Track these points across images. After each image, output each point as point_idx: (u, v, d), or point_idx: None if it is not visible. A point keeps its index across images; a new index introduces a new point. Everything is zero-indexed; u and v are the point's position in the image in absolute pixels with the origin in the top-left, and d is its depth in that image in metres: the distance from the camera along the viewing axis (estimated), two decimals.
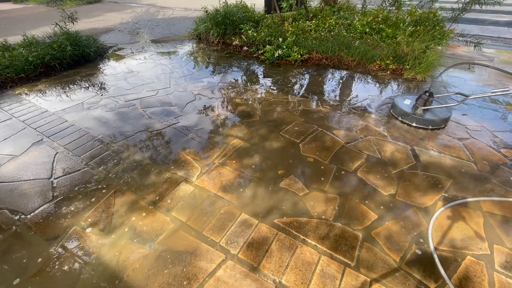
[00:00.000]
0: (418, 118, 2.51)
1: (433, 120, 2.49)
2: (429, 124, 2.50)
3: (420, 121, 2.51)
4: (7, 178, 1.95)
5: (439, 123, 2.50)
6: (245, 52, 4.63)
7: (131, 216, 1.64)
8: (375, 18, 4.90)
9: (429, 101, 2.52)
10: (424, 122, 2.50)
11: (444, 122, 2.53)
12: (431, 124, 2.50)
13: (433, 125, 2.50)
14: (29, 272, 1.35)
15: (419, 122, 2.52)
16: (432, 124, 2.50)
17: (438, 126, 2.51)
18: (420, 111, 2.54)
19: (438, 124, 2.50)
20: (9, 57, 3.61)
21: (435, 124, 2.50)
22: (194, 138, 2.37)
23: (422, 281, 1.30)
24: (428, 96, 2.50)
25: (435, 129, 2.50)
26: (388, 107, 2.85)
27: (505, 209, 1.67)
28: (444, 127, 2.53)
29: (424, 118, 2.50)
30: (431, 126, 2.50)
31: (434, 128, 2.51)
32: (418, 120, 2.52)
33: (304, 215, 1.64)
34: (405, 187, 1.83)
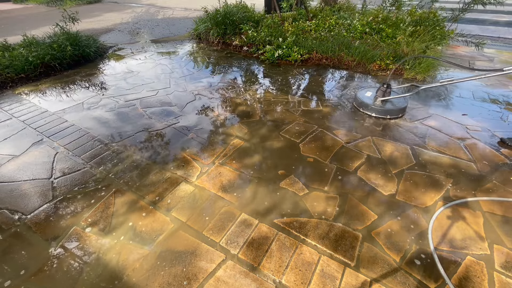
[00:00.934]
0: (376, 109, 2.69)
1: (390, 110, 2.67)
2: (387, 113, 2.68)
3: (379, 111, 2.69)
4: (7, 178, 1.95)
5: (396, 113, 2.69)
6: (245, 52, 4.63)
7: (131, 216, 1.64)
8: (375, 18, 4.90)
9: (387, 92, 2.69)
10: (382, 112, 2.68)
11: (401, 112, 2.71)
12: (389, 114, 2.68)
13: (391, 114, 2.69)
14: (29, 272, 1.35)
15: (378, 112, 2.69)
16: (389, 113, 2.68)
17: (395, 116, 2.69)
18: (379, 102, 2.71)
19: (395, 113, 2.68)
20: (9, 57, 3.61)
21: (392, 114, 2.68)
22: (194, 138, 2.37)
23: (422, 281, 1.30)
24: (386, 88, 2.68)
25: (392, 118, 2.68)
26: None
27: (505, 209, 1.67)
28: (401, 116, 2.71)
29: (382, 108, 2.68)
30: (388, 115, 2.69)
31: (392, 117, 2.69)
32: (377, 110, 2.69)
33: (304, 215, 1.64)
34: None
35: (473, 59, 4.21)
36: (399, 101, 2.77)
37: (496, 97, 3.01)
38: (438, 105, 2.89)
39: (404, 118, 2.67)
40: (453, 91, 3.18)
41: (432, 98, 3.02)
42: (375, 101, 2.73)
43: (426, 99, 3.02)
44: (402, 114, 2.74)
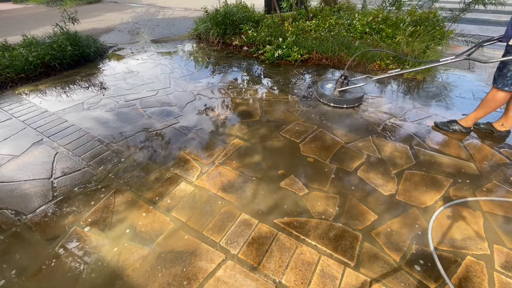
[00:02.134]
0: (334, 99, 2.87)
1: (347, 100, 2.85)
2: (344, 103, 2.86)
3: (336, 101, 2.87)
4: (7, 178, 1.95)
5: (353, 102, 2.87)
6: (245, 52, 4.63)
7: (131, 216, 1.64)
8: (375, 18, 4.90)
9: (345, 83, 2.87)
10: (339, 101, 2.86)
11: (357, 101, 2.89)
12: (346, 103, 2.86)
13: (347, 104, 2.87)
14: (29, 272, 1.35)
15: (336, 102, 2.88)
16: (346, 103, 2.86)
17: (352, 105, 2.88)
18: (337, 93, 2.89)
19: (351, 103, 2.87)
20: (9, 57, 3.60)
21: (349, 103, 2.87)
22: (194, 138, 2.37)
23: (422, 281, 1.30)
24: (343, 79, 2.86)
25: (350, 107, 2.86)
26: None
27: (505, 209, 1.67)
28: (358, 105, 2.90)
29: (339, 98, 2.86)
30: (345, 105, 2.87)
31: (349, 106, 2.87)
32: (334, 100, 2.88)
33: (304, 215, 1.64)
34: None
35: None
36: (356, 91, 2.95)
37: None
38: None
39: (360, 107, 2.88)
40: (453, 91, 3.18)
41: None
42: (333, 92, 2.92)
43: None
44: (359, 103, 2.92)
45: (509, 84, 2.02)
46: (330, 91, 2.96)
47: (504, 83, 2.04)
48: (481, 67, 3.87)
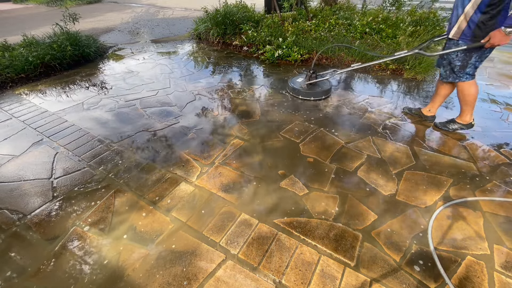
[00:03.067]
0: (303, 92, 3.03)
1: (314, 93, 3.01)
2: (311, 96, 3.03)
3: (304, 94, 3.03)
4: (7, 178, 1.95)
5: (320, 95, 3.03)
6: (245, 52, 4.63)
7: (131, 216, 1.64)
8: (375, 18, 4.90)
9: (312, 77, 3.04)
10: (307, 94, 3.03)
11: (324, 94, 3.06)
12: (313, 96, 3.03)
13: (315, 96, 3.03)
14: (29, 272, 1.35)
15: (304, 95, 3.04)
16: (313, 95, 3.02)
17: (319, 97, 3.04)
18: (305, 86, 3.06)
19: (319, 95, 3.03)
20: (9, 57, 3.61)
21: (316, 96, 3.03)
22: (194, 138, 2.37)
23: (422, 281, 1.30)
24: (311, 73, 3.03)
25: (317, 100, 3.03)
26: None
27: (505, 209, 1.67)
28: (325, 98, 3.06)
29: (306, 91, 3.02)
30: (312, 97, 3.03)
31: (316, 99, 3.03)
32: (303, 93, 3.04)
33: (304, 215, 1.64)
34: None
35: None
36: (323, 85, 3.11)
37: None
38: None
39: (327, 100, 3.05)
40: None
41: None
42: (302, 85, 3.08)
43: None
44: (326, 96, 3.08)
45: (459, 76, 2.15)
46: (299, 85, 3.12)
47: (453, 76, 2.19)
48: (481, 68, 3.87)
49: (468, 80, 2.15)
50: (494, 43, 1.88)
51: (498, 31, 1.85)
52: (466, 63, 2.07)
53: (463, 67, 2.10)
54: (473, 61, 2.05)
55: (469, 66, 2.08)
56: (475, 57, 2.03)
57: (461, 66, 2.10)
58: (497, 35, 1.85)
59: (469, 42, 2.00)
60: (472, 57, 2.03)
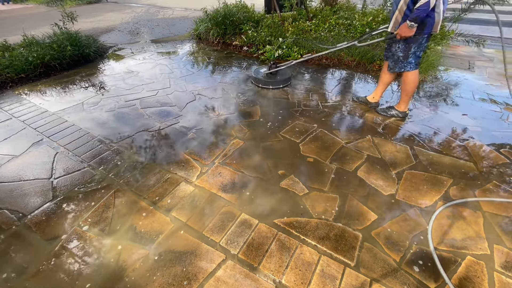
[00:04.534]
0: (262, 80, 3.29)
1: (273, 81, 3.26)
2: (269, 84, 3.27)
3: (263, 82, 3.29)
4: (7, 178, 1.95)
5: (278, 83, 3.28)
6: (245, 52, 4.63)
7: (131, 216, 1.64)
8: (375, 18, 4.90)
9: (272, 67, 3.29)
10: (265, 83, 3.28)
11: (283, 83, 3.30)
12: (271, 84, 3.27)
13: (273, 85, 3.26)
14: (29, 272, 1.35)
15: (262, 83, 3.30)
16: (272, 84, 3.27)
17: (277, 86, 3.27)
18: (264, 75, 3.31)
19: (277, 84, 3.27)
20: (9, 57, 3.60)
21: (274, 84, 3.26)
22: (194, 138, 2.37)
23: (422, 281, 1.30)
24: (272, 64, 3.30)
25: (275, 88, 3.26)
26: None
27: (505, 209, 1.67)
28: (283, 87, 3.30)
29: (265, 80, 3.26)
30: (271, 86, 3.27)
31: (274, 87, 3.26)
32: (262, 82, 3.30)
33: (304, 215, 1.64)
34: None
35: (473, 58, 4.21)
36: (283, 74, 3.37)
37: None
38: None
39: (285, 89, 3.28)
40: (453, 90, 3.18)
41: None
42: (263, 75, 3.33)
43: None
44: (284, 85, 3.31)
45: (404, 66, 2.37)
46: (260, 74, 3.39)
47: (399, 66, 2.40)
48: (481, 68, 3.87)
49: (411, 70, 2.38)
50: (401, 34, 2.15)
51: (404, 24, 2.10)
52: (407, 53, 2.30)
53: (405, 57, 2.33)
54: (413, 51, 2.27)
55: (410, 56, 2.30)
56: (414, 47, 2.25)
57: (404, 56, 2.33)
58: (403, 28, 2.12)
59: None
60: (411, 48, 2.26)
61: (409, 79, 2.42)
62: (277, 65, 3.32)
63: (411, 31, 2.10)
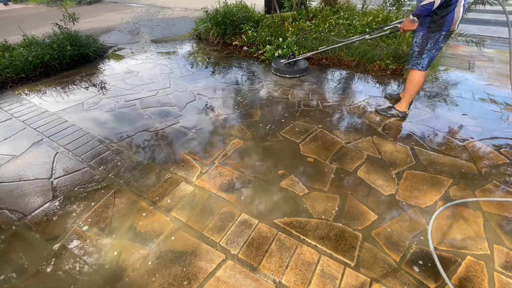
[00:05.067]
0: (281, 70, 3.59)
1: (290, 71, 3.55)
2: (287, 73, 3.57)
3: (281, 71, 3.60)
4: (7, 178, 1.95)
5: (295, 73, 3.56)
6: (245, 52, 4.63)
7: (131, 216, 1.64)
8: (375, 18, 4.90)
9: (291, 57, 3.60)
10: (283, 72, 3.59)
11: (300, 72, 3.58)
12: (288, 74, 3.57)
13: (290, 74, 3.56)
14: (29, 272, 1.35)
15: (281, 72, 3.62)
16: (289, 73, 3.56)
17: (293, 75, 3.56)
18: (283, 65, 3.62)
19: (294, 73, 3.55)
20: (9, 57, 3.60)
21: (291, 73, 3.56)
22: (194, 138, 2.37)
23: (422, 281, 1.30)
24: (291, 54, 3.61)
25: (292, 77, 3.56)
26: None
27: (505, 209, 1.67)
28: (299, 76, 3.58)
29: (284, 69, 3.56)
30: (287, 75, 3.58)
31: (292, 76, 3.56)
32: (280, 71, 3.61)
33: (304, 215, 1.64)
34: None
35: (473, 58, 4.21)
36: (300, 65, 3.66)
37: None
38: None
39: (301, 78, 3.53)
40: (453, 90, 3.18)
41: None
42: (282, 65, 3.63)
43: None
44: (301, 74, 3.59)
45: (416, 63, 2.38)
46: (280, 64, 3.67)
47: (412, 62, 2.41)
48: (481, 68, 3.87)
49: (421, 70, 2.39)
50: (403, 27, 2.26)
51: (407, 18, 2.19)
52: (423, 49, 2.29)
53: (420, 53, 2.32)
54: (429, 47, 2.25)
55: (425, 52, 2.28)
56: (430, 43, 2.24)
57: (419, 52, 2.32)
58: (405, 21, 2.22)
59: (425, 30, 2.20)
60: (428, 43, 2.25)
61: (415, 79, 2.44)
62: (295, 56, 3.60)
63: (413, 25, 2.18)
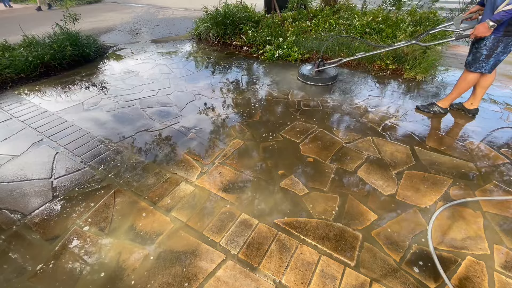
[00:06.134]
0: (311, 78, 3.40)
1: (321, 78, 3.39)
2: (319, 81, 3.39)
3: (312, 80, 3.41)
4: (7, 178, 1.95)
5: (327, 80, 3.40)
6: (245, 52, 4.63)
7: (131, 216, 1.64)
8: (375, 18, 4.90)
9: (321, 65, 3.42)
10: (315, 80, 3.39)
11: (331, 80, 3.43)
12: (320, 82, 3.39)
13: (322, 82, 3.39)
14: (29, 272, 1.35)
15: (312, 80, 3.41)
16: (321, 81, 3.39)
17: (326, 83, 3.40)
18: (313, 73, 3.42)
19: (326, 81, 3.40)
20: (9, 57, 3.60)
21: (323, 81, 3.39)
22: (194, 138, 2.37)
23: (422, 281, 1.30)
24: (320, 61, 3.41)
25: (324, 85, 3.39)
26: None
27: (505, 209, 1.67)
28: (331, 84, 3.42)
29: (315, 77, 3.39)
30: (320, 83, 3.39)
31: (324, 84, 3.40)
32: (311, 79, 3.40)
33: (304, 215, 1.64)
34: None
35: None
36: (330, 71, 3.49)
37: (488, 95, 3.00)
38: None
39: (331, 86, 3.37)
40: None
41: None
42: (311, 72, 3.44)
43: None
44: (332, 82, 3.44)
45: (480, 66, 2.29)
46: (308, 71, 3.48)
47: (476, 66, 2.30)
48: None
49: (485, 73, 2.31)
50: (477, 34, 2.08)
51: (482, 24, 2.02)
52: (492, 52, 2.17)
53: (488, 57, 2.20)
54: (499, 51, 2.15)
55: (493, 56, 2.18)
56: (501, 47, 2.13)
57: (487, 55, 2.20)
58: (480, 27, 2.04)
59: (500, 33, 2.08)
60: (498, 47, 2.13)
61: (471, 79, 2.37)
62: (324, 62, 3.44)
63: (490, 31, 2.01)
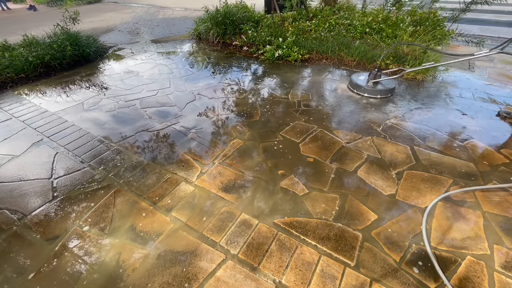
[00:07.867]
0: (369, 90, 3.07)
1: (380, 90, 3.06)
2: (377, 93, 3.06)
3: (370, 92, 3.07)
4: (7, 178, 1.95)
5: (386, 93, 3.07)
6: (245, 52, 4.63)
7: (131, 216, 1.64)
8: (375, 18, 4.90)
9: (378, 75, 3.08)
10: (373, 92, 3.06)
11: (390, 92, 3.09)
12: (379, 94, 3.06)
13: (381, 94, 3.06)
14: (29, 272, 1.35)
15: (370, 92, 3.08)
16: (380, 93, 3.06)
17: (385, 95, 3.07)
18: (371, 84, 3.09)
19: (385, 93, 3.07)
20: (9, 57, 3.60)
21: (382, 94, 3.06)
22: (194, 138, 2.37)
23: (422, 281, 1.30)
24: (377, 71, 3.07)
25: (383, 97, 3.05)
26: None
27: (505, 209, 1.67)
28: (390, 96, 3.09)
29: (373, 89, 3.06)
30: (379, 95, 3.06)
31: (382, 96, 3.06)
32: (369, 91, 3.08)
33: (304, 215, 1.64)
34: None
35: (474, 58, 4.20)
36: (388, 83, 3.13)
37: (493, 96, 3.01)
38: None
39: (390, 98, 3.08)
40: (453, 90, 3.18)
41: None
42: (367, 83, 3.11)
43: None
44: (391, 94, 3.12)
45: None
46: (363, 82, 3.14)
47: None
48: (481, 68, 3.87)
49: None
50: None
51: None
52: None
53: None
54: None
55: None
56: None
57: None
58: None
59: None
60: None
61: None
62: (381, 73, 3.13)
63: None
